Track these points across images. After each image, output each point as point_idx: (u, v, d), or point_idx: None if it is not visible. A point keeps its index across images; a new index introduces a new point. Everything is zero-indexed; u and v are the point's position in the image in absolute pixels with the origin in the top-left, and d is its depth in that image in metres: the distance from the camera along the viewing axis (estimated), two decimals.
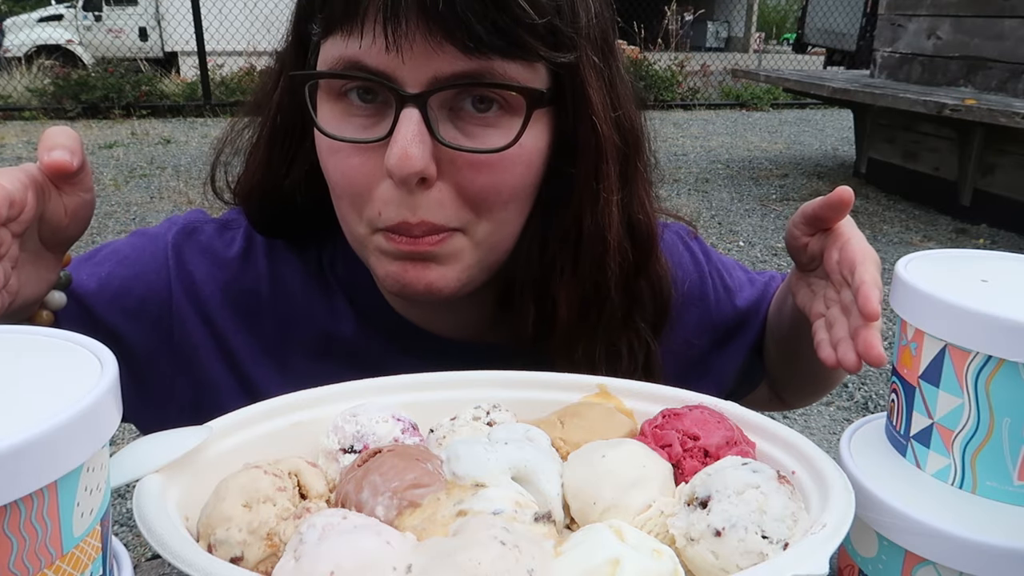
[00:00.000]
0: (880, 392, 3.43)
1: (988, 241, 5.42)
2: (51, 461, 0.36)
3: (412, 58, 0.67)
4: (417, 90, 0.68)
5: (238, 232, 0.90)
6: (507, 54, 0.68)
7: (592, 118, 0.74)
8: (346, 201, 0.75)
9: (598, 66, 0.75)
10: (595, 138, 0.75)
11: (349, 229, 0.78)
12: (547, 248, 0.79)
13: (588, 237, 0.78)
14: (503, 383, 0.67)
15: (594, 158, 0.76)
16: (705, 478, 0.50)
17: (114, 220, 5.81)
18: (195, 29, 10.11)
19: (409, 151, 0.67)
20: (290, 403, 0.62)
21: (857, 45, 13.91)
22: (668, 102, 11.96)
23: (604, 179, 0.77)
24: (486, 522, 0.45)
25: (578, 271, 0.80)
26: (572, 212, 0.78)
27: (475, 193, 0.72)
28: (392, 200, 0.71)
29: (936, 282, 0.56)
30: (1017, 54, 5.54)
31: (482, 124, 0.71)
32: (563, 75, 0.73)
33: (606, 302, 0.82)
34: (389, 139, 0.69)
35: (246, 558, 0.48)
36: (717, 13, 23.79)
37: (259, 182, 0.85)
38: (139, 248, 0.87)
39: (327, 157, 0.75)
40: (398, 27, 0.66)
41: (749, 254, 5.20)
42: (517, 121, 0.71)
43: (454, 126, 0.71)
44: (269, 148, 0.84)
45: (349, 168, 0.73)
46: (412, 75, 0.68)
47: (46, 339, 0.46)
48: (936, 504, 0.54)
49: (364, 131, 0.72)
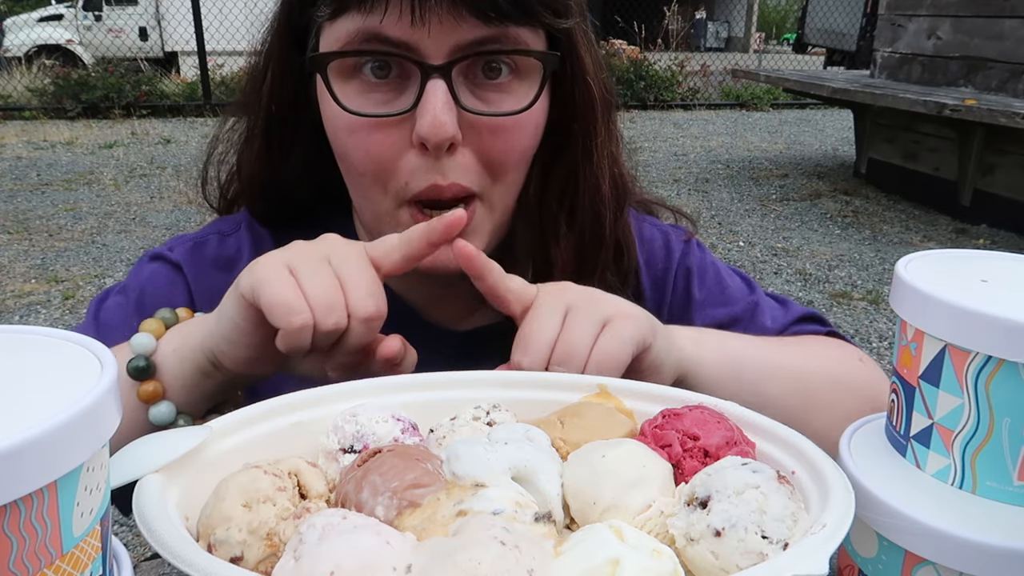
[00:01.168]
0: None
1: (988, 241, 5.42)
2: (51, 461, 0.36)
3: (436, 29, 0.70)
4: (440, 61, 0.72)
5: (238, 236, 0.91)
6: (519, 21, 0.73)
7: (587, 78, 0.81)
8: (369, 178, 0.77)
9: (584, 31, 0.81)
10: (589, 96, 0.82)
11: (372, 206, 0.79)
12: (545, 204, 0.84)
13: (584, 188, 0.84)
14: (503, 383, 0.66)
15: (588, 115, 0.82)
16: (705, 478, 0.50)
17: (114, 220, 5.81)
18: (195, 29, 10.12)
19: (442, 118, 0.71)
20: (290, 403, 0.62)
21: (857, 45, 13.92)
22: (668, 102, 11.96)
23: (596, 134, 0.83)
24: (486, 522, 0.45)
25: (575, 222, 0.85)
26: (568, 166, 0.83)
27: (495, 156, 0.76)
28: (419, 168, 0.74)
29: (936, 282, 0.56)
30: (1017, 54, 5.54)
31: (496, 90, 0.76)
32: (561, 39, 0.78)
33: (601, 249, 0.86)
34: (414, 111, 0.72)
35: (246, 558, 0.48)
36: (717, 13, 23.79)
37: (258, 173, 0.86)
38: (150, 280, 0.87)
39: (345, 137, 0.76)
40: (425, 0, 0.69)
41: (749, 254, 5.20)
42: (526, 85, 0.77)
43: (472, 93, 0.75)
44: (266, 139, 0.84)
45: (372, 144, 0.75)
46: (435, 46, 0.71)
47: (46, 339, 0.46)
48: (936, 504, 0.54)
49: (386, 105, 0.74)
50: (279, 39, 0.82)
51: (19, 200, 6.36)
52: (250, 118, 0.87)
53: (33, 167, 7.52)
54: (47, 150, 8.36)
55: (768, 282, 4.70)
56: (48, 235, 5.48)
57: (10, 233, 5.49)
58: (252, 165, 0.87)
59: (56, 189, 6.72)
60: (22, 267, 4.84)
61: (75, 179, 7.08)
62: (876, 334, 4.02)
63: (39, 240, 5.36)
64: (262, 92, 0.84)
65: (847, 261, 5.09)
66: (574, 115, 0.82)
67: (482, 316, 0.91)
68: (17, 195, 6.51)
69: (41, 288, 4.50)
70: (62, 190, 6.69)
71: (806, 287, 4.65)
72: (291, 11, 0.80)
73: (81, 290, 4.49)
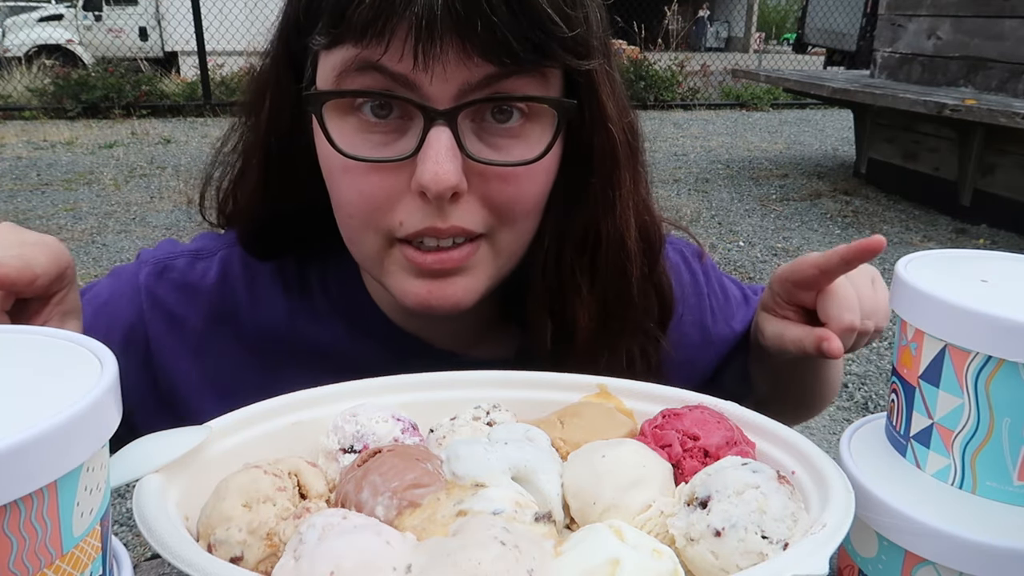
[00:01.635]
0: (880, 392, 3.43)
1: (988, 241, 5.42)
2: (51, 461, 0.36)
3: (440, 73, 0.65)
4: (445, 104, 0.67)
5: (212, 260, 0.87)
6: (535, 65, 0.67)
7: (608, 125, 0.74)
8: (360, 219, 0.72)
9: (608, 72, 0.75)
10: (611, 144, 0.75)
11: (361, 248, 0.75)
12: (562, 257, 0.78)
13: (607, 243, 0.78)
14: (503, 383, 0.66)
15: (610, 164, 0.76)
16: (705, 478, 0.50)
17: (114, 220, 5.81)
18: (195, 29, 10.12)
19: (445, 167, 0.66)
20: (290, 403, 0.62)
21: (857, 45, 13.91)
22: (668, 102, 11.96)
23: (620, 185, 0.77)
24: (486, 522, 0.45)
25: (597, 279, 0.79)
26: (588, 218, 0.77)
27: (502, 203, 0.71)
28: (417, 210, 0.70)
29: (936, 282, 0.56)
30: (1017, 54, 5.54)
31: (506, 135, 0.70)
32: (580, 83, 0.72)
33: (629, 309, 0.81)
34: (415, 156, 0.67)
35: (246, 558, 0.48)
36: (717, 13, 23.79)
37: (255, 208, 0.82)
38: (116, 292, 0.84)
39: (339, 176, 0.72)
40: (431, 45, 0.64)
41: (749, 254, 5.20)
42: (539, 128, 0.71)
43: (479, 139, 0.70)
44: (264, 173, 0.80)
45: (368, 185, 0.70)
46: (439, 88, 0.66)
47: (46, 339, 0.46)
48: (936, 504, 0.54)
49: (385, 148, 0.69)
50: (276, 67, 0.77)
51: (19, 200, 6.36)
52: (247, 149, 0.82)
53: (33, 167, 7.52)
54: (47, 150, 8.36)
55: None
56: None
57: None
58: (249, 199, 0.83)
59: (56, 189, 6.72)
60: None
61: (75, 179, 7.08)
62: None
63: None
64: (260, 121, 0.79)
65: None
66: (593, 165, 0.76)
67: (490, 348, 0.88)
68: (17, 195, 6.51)
69: None
70: (62, 190, 6.69)
71: None
72: (288, 38, 0.75)
73: None
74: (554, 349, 0.80)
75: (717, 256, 5.08)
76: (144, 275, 0.85)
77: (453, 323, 0.84)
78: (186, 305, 0.84)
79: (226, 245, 0.88)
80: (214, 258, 0.87)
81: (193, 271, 0.86)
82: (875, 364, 3.71)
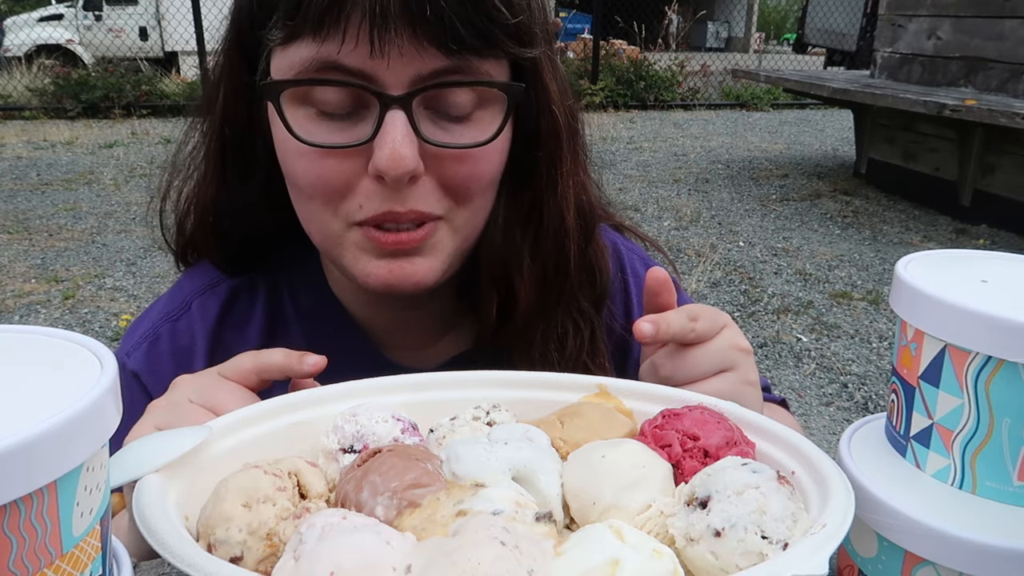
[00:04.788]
0: (880, 392, 3.43)
1: (988, 241, 5.42)
2: (51, 461, 0.36)
3: (395, 60, 0.68)
4: (400, 91, 0.69)
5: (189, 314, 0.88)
6: (482, 52, 0.71)
7: (552, 107, 0.79)
8: (318, 202, 0.74)
9: (551, 57, 0.79)
10: (554, 125, 0.80)
11: (320, 228, 0.77)
12: (509, 232, 0.83)
13: (549, 219, 0.82)
14: (503, 383, 0.66)
15: (553, 144, 0.81)
16: (705, 478, 0.50)
17: (114, 220, 5.81)
18: (195, 29, 10.12)
19: (401, 151, 0.69)
20: (290, 403, 0.62)
21: (857, 45, 13.91)
22: (668, 102, 11.96)
23: (561, 163, 0.82)
24: (486, 522, 0.45)
25: (538, 253, 0.83)
26: (534, 196, 0.82)
27: (458, 184, 0.74)
28: (375, 194, 0.72)
29: (936, 282, 0.56)
30: (1017, 54, 5.54)
31: (459, 121, 0.73)
32: (526, 68, 0.76)
33: (565, 281, 0.85)
34: (371, 142, 0.70)
35: (246, 558, 0.48)
36: (717, 13, 23.78)
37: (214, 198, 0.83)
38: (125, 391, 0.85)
39: (294, 160, 0.73)
40: (385, 31, 0.66)
41: (749, 254, 5.20)
42: (490, 113, 0.74)
43: (433, 123, 0.73)
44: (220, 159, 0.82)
45: (325, 169, 0.72)
46: (394, 76, 0.69)
47: (46, 339, 0.46)
48: (936, 504, 0.54)
49: (341, 133, 0.72)
50: (229, 59, 0.79)
51: (19, 200, 6.36)
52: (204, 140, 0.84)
53: (33, 167, 7.52)
54: (47, 150, 8.36)
55: (768, 282, 4.70)
56: (48, 235, 5.48)
57: (10, 233, 5.49)
58: (208, 188, 0.84)
59: (56, 189, 6.72)
60: (22, 267, 4.84)
61: (75, 179, 7.08)
62: (876, 334, 4.01)
63: (39, 240, 5.36)
64: (215, 112, 0.81)
65: (847, 261, 5.09)
66: (539, 144, 0.80)
67: (452, 342, 0.90)
68: (17, 195, 6.51)
69: (41, 288, 4.50)
70: (62, 190, 6.69)
71: (806, 287, 4.65)
72: (241, 31, 0.77)
73: (81, 290, 4.49)
74: (497, 321, 0.83)
75: (717, 256, 5.08)
76: (135, 361, 0.86)
77: (415, 313, 0.87)
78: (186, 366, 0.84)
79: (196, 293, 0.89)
80: (190, 312, 0.88)
81: (178, 335, 0.88)
82: (875, 364, 3.71)
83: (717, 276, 4.78)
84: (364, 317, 0.88)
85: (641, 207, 6.26)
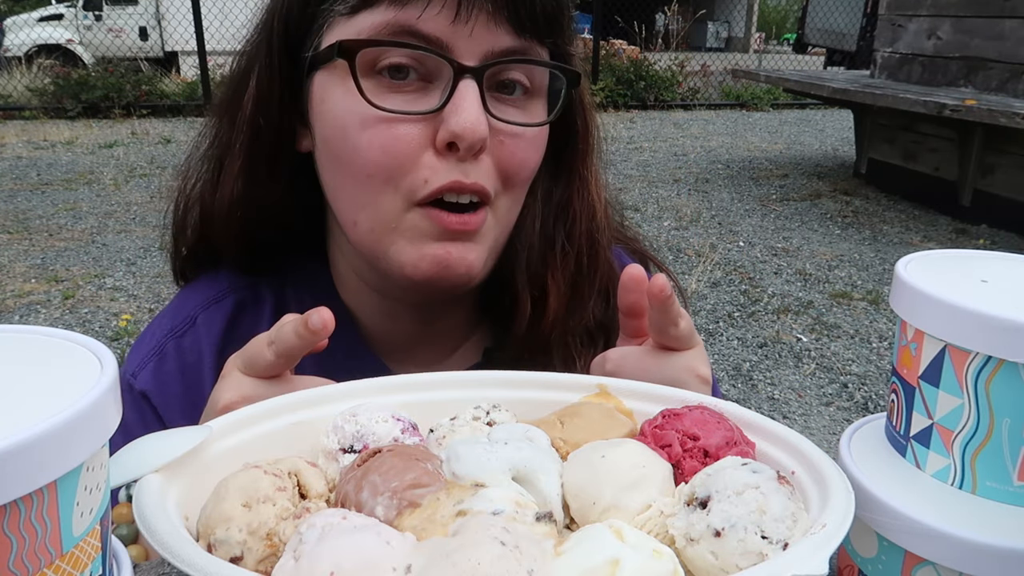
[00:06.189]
0: (880, 392, 3.43)
1: (988, 241, 5.42)
2: (51, 460, 0.36)
3: (474, 31, 0.70)
4: (474, 63, 0.71)
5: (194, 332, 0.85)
6: (544, 37, 0.74)
7: (584, 104, 0.82)
8: (380, 178, 0.72)
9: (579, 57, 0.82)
10: (585, 123, 0.83)
11: (374, 213, 0.74)
12: (544, 231, 0.84)
13: (581, 214, 0.84)
14: (503, 383, 0.66)
15: (584, 142, 0.83)
16: (705, 478, 0.50)
17: (114, 220, 5.81)
18: (195, 29, 10.12)
19: (479, 117, 0.70)
20: (290, 403, 0.62)
21: (857, 45, 13.91)
22: (668, 102, 11.97)
23: (592, 163, 0.85)
24: (486, 522, 0.45)
25: (572, 250, 0.85)
26: (565, 194, 0.84)
27: (511, 166, 0.75)
28: (441, 167, 0.71)
29: (936, 282, 0.56)
30: (1017, 54, 5.54)
31: (512, 105, 0.75)
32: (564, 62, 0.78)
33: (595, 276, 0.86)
34: (440, 111, 0.70)
35: (246, 558, 0.48)
36: (717, 13, 23.78)
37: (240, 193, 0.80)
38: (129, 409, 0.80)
39: (357, 133, 0.71)
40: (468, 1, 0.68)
41: (749, 254, 5.20)
42: (537, 104, 0.77)
43: (497, 100, 0.74)
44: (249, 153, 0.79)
45: (390, 139, 0.71)
46: (469, 48, 0.70)
47: (46, 339, 0.46)
48: (936, 504, 0.54)
49: (410, 104, 0.71)
50: (269, 41, 0.76)
51: (19, 200, 6.36)
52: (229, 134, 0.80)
53: (33, 167, 7.52)
54: (47, 150, 8.36)
55: (768, 282, 4.70)
56: (48, 235, 5.48)
57: (10, 233, 5.49)
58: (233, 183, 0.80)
59: (56, 189, 6.72)
60: (22, 267, 4.84)
61: (75, 179, 7.08)
62: (876, 334, 4.02)
63: (39, 240, 5.37)
64: (244, 102, 0.78)
65: (847, 261, 5.10)
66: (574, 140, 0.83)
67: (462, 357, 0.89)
68: (17, 195, 6.52)
69: (41, 288, 4.50)
70: (62, 190, 6.69)
71: (806, 287, 4.65)
72: (290, 7, 0.75)
73: (81, 290, 4.49)
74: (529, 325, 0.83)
75: (717, 256, 5.08)
76: (143, 381, 0.83)
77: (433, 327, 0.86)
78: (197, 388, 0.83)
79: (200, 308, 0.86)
80: (195, 327, 0.85)
81: (183, 352, 0.85)
82: (875, 364, 3.71)
83: (717, 276, 4.78)
84: (379, 331, 0.86)
85: (641, 207, 6.26)
